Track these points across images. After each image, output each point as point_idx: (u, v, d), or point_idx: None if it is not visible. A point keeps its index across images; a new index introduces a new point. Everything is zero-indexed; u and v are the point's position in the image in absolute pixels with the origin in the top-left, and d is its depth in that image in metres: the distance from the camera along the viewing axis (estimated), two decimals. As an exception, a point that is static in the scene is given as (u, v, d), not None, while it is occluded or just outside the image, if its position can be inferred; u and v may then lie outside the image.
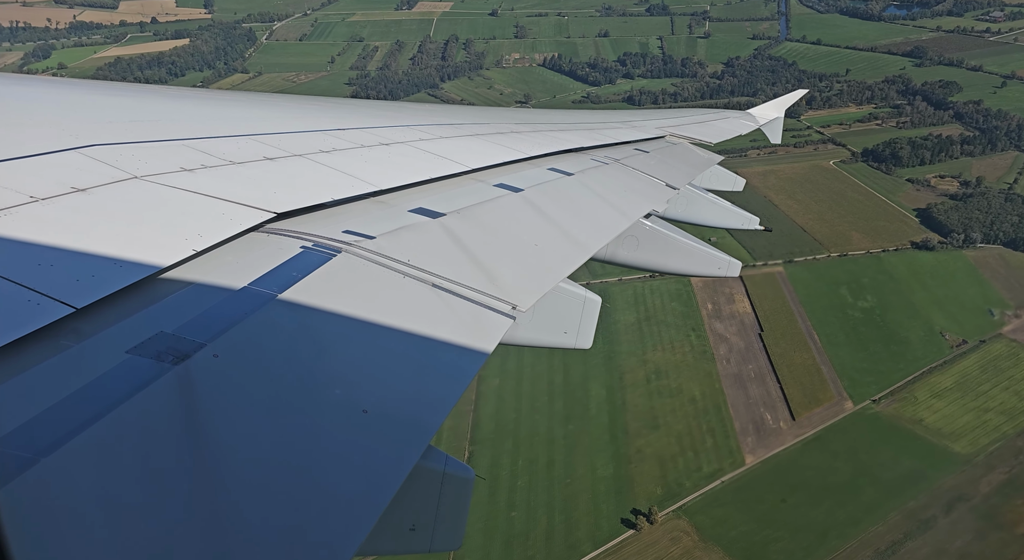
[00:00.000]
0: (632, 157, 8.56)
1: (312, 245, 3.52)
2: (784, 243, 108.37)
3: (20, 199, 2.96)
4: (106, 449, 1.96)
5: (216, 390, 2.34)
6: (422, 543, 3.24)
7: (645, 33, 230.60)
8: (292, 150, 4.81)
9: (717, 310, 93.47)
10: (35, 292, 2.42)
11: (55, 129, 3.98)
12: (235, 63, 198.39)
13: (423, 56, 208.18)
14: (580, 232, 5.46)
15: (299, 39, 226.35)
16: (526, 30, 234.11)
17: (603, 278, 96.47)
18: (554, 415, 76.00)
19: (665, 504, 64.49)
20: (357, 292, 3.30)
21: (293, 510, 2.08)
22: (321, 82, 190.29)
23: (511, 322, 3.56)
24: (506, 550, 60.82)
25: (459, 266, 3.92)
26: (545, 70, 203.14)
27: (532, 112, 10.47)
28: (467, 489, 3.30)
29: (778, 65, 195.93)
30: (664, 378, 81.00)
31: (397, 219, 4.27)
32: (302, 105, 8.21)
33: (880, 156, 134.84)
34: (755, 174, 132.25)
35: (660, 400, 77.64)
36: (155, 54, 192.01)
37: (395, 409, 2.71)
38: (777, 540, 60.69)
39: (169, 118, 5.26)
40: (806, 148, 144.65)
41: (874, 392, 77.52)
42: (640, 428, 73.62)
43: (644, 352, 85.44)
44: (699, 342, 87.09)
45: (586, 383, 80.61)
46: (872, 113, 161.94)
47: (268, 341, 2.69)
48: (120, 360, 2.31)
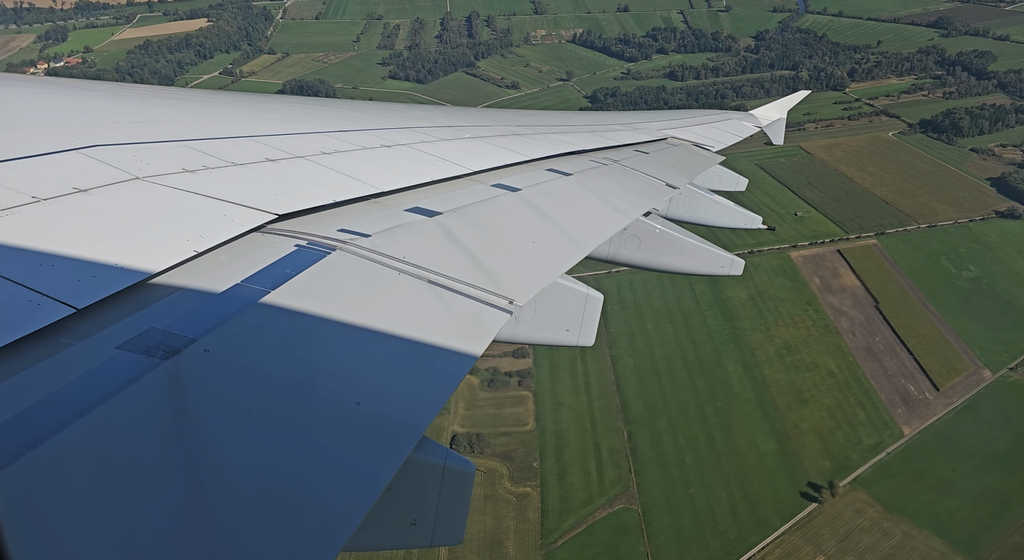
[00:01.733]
0: (631, 158, 8.53)
1: (307, 243, 3.51)
2: (871, 215, 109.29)
3: (22, 199, 2.95)
4: (94, 443, 1.95)
5: (206, 384, 2.34)
6: (423, 538, 3.25)
7: (664, 7, 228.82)
8: (294, 152, 4.81)
9: (826, 284, 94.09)
10: (36, 292, 2.43)
11: (57, 130, 3.97)
12: (260, 43, 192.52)
13: (448, 34, 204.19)
14: (578, 230, 5.47)
15: (315, 18, 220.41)
16: (544, 5, 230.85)
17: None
18: (699, 393, 76.18)
19: (838, 477, 65.18)
20: (351, 288, 3.28)
21: (282, 503, 2.08)
22: (353, 62, 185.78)
23: (508, 316, 3.56)
24: (696, 526, 61.10)
25: (455, 263, 3.92)
26: (576, 46, 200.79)
27: (532, 114, 10.93)
28: (468, 483, 3.28)
29: (808, 38, 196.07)
30: (795, 353, 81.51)
31: (393, 218, 4.26)
32: (303, 107, 8.27)
33: (939, 127, 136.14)
34: (818, 147, 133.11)
35: (799, 375, 78.16)
36: (181, 35, 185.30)
37: (389, 401, 2.69)
38: (960, 509, 61.74)
39: (171, 119, 5.27)
40: (860, 121, 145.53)
41: (1008, 360, 78.85)
42: (789, 403, 74.10)
43: (767, 327, 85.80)
44: (818, 316, 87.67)
45: (720, 360, 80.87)
46: (914, 84, 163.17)
47: (260, 336, 2.68)
48: (110, 355, 2.30)
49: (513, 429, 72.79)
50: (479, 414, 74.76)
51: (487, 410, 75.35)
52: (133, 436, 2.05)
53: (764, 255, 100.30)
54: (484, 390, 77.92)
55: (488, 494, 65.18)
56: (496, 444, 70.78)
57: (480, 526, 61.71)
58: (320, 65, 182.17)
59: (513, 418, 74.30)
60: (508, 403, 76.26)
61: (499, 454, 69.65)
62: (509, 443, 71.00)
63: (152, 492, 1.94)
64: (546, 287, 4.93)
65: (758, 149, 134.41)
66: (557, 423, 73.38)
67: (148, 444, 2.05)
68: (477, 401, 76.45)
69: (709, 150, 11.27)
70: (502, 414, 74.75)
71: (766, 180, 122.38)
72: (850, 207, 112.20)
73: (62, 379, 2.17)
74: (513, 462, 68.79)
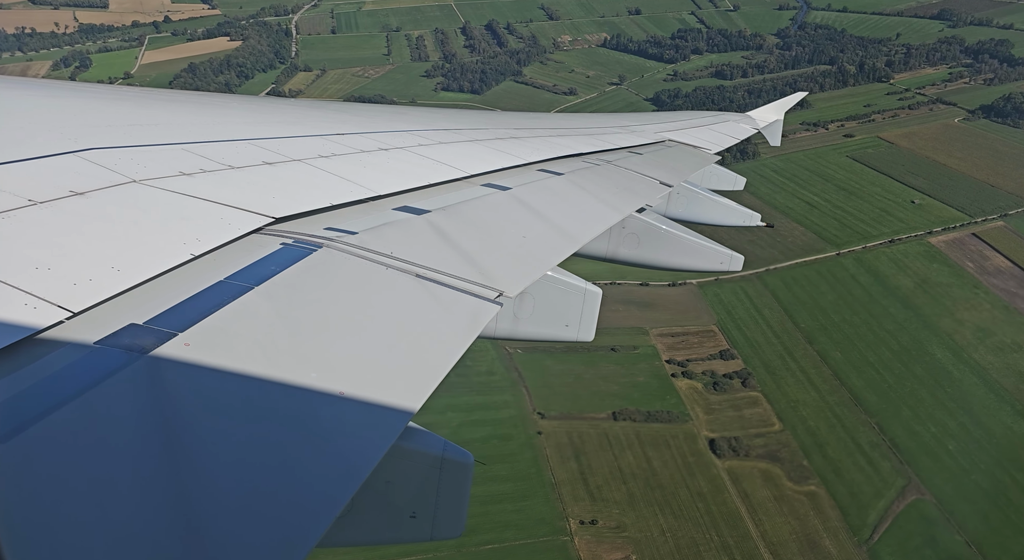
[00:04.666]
0: (624, 159, 8.74)
1: (292, 241, 3.57)
2: (985, 199, 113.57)
3: (18, 202, 2.98)
4: (70, 435, 1.97)
5: (186, 377, 2.36)
6: (423, 531, 3.30)
7: (674, 8, 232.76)
8: (291, 155, 4.86)
9: (980, 267, 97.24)
10: (32, 296, 2.43)
11: (53, 132, 4.02)
12: (294, 60, 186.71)
13: (477, 43, 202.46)
14: (569, 224, 5.56)
15: (331, 32, 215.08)
16: (556, 11, 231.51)
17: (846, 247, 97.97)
18: (922, 381, 77.54)
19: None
20: (337, 283, 3.34)
21: (262, 492, 2.10)
22: (395, 75, 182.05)
23: (498, 308, 3.61)
24: (1000, 511, 62.06)
25: (444, 257, 3.97)
26: (609, 51, 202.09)
27: (530, 117, 11.33)
28: (467, 474, 3.31)
29: (831, 33, 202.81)
30: (992, 335, 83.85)
31: (381, 217, 4.33)
32: (300, 109, 8.36)
33: (1001, 111, 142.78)
34: (896, 137, 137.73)
35: (1010, 356, 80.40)
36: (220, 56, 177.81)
37: (375, 391, 2.69)
38: None
39: (167, 122, 5.34)
40: (920, 110, 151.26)
41: None
42: (1016, 384, 76.11)
43: (951, 313, 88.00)
44: (992, 298, 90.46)
45: (922, 347, 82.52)
46: (951, 73, 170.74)
47: (242, 330, 2.71)
48: (88, 350, 2.32)
49: (763, 430, 72.52)
50: (721, 418, 74.20)
51: (726, 413, 74.87)
52: (111, 429, 2.04)
53: (904, 243, 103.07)
54: (712, 393, 77.40)
55: (777, 496, 64.78)
56: (754, 446, 70.36)
57: (788, 528, 61.35)
58: (362, 80, 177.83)
59: (757, 419, 74.04)
60: (743, 404, 75.95)
61: (764, 455, 69.29)
62: (768, 444, 70.69)
63: (129, 483, 1.91)
64: (543, 282, 5.15)
65: (840, 142, 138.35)
66: (802, 420, 73.47)
67: (125, 437, 2.04)
68: (712, 405, 75.87)
69: (707, 152, 11.27)
70: (744, 416, 74.39)
71: (865, 171, 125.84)
72: (961, 192, 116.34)
73: (30, 372, 2.14)
74: (782, 462, 68.50)
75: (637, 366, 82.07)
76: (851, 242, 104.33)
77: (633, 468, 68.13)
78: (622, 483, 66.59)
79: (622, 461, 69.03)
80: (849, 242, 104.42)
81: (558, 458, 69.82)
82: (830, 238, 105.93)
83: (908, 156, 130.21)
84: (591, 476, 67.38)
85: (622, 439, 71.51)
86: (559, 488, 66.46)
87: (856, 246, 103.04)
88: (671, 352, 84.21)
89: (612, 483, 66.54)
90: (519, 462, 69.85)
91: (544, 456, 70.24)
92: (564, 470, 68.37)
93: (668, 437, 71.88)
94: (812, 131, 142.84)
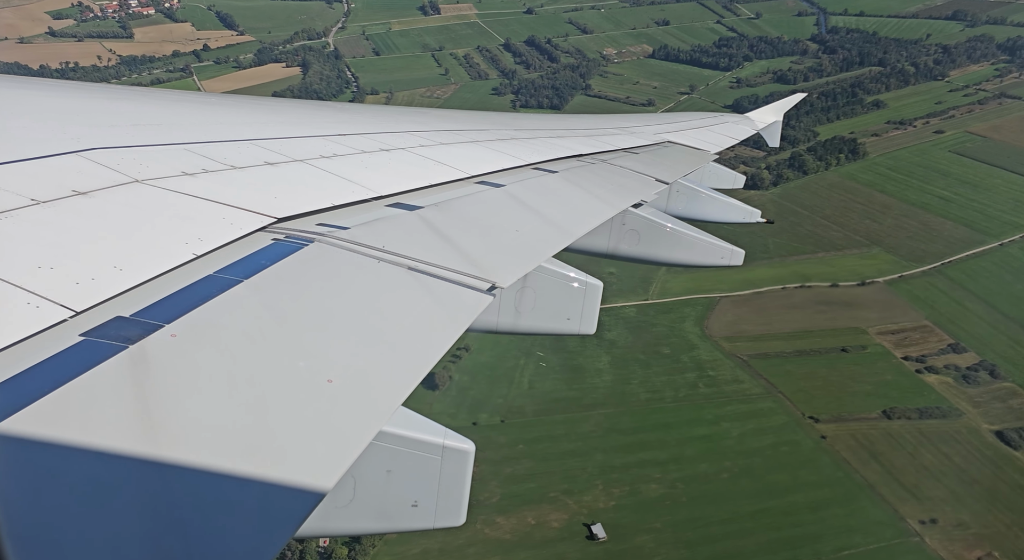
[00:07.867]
0: (621, 157, 8.87)
1: (284, 237, 3.59)
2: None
3: (21, 202, 2.99)
4: (51, 425, 1.94)
5: (172, 368, 2.36)
6: (425, 519, 3.31)
7: (700, 18, 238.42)
8: (293, 155, 4.90)
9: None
10: (35, 295, 2.44)
11: (56, 132, 4.07)
12: (359, 83, 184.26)
13: (529, 59, 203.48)
14: (563, 219, 5.68)
15: (374, 54, 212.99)
16: (584, 25, 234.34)
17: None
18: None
19: None
20: (328, 275, 3.37)
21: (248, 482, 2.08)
22: (463, 94, 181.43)
23: (491, 299, 3.69)
24: None
25: (437, 251, 4.02)
26: (660, 62, 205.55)
27: (529, 118, 11.95)
28: (467, 462, 3.33)
29: (865, 36, 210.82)
30: None
31: (375, 214, 4.39)
32: (302, 110, 8.46)
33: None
34: (986, 130, 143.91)
35: None
36: (295, 82, 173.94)
37: (363, 378, 2.74)
38: None
39: (170, 122, 5.37)
40: (990, 104, 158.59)
41: None
42: None
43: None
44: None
45: None
46: (996, 69, 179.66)
47: (230, 322, 2.72)
48: (74, 342, 2.33)
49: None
50: (991, 410, 76.47)
51: (994, 405, 77.17)
52: (94, 419, 2.05)
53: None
54: (967, 387, 79.52)
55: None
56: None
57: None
58: (433, 100, 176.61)
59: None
60: (1005, 396, 78.30)
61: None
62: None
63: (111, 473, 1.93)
64: (544, 276, 5.33)
65: (933, 139, 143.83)
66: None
67: (108, 426, 2.04)
68: (975, 398, 78.07)
69: (706, 152, 11.56)
70: (1012, 407, 76.94)
71: (975, 165, 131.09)
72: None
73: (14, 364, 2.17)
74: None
75: (876, 365, 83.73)
76: (1006, 233, 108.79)
77: (938, 465, 69.49)
78: (936, 480, 67.82)
79: (922, 459, 70.33)
80: (1003, 233, 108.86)
81: (856, 460, 70.71)
82: (983, 229, 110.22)
83: (1007, 148, 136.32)
84: (900, 475, 68.43)
85: (907, 438, 72.88)
86: (876, 489, 67.28)
87: (1015, 236, 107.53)
88: (901, 349, 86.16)
89: (927, 481, 67.73)
90: (822, 467, 70.53)
91: (842, 459, 71.00)
92: (869, 471, 69.27)
93: (951, 432, 73.57)
94: (901, 129, 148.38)
